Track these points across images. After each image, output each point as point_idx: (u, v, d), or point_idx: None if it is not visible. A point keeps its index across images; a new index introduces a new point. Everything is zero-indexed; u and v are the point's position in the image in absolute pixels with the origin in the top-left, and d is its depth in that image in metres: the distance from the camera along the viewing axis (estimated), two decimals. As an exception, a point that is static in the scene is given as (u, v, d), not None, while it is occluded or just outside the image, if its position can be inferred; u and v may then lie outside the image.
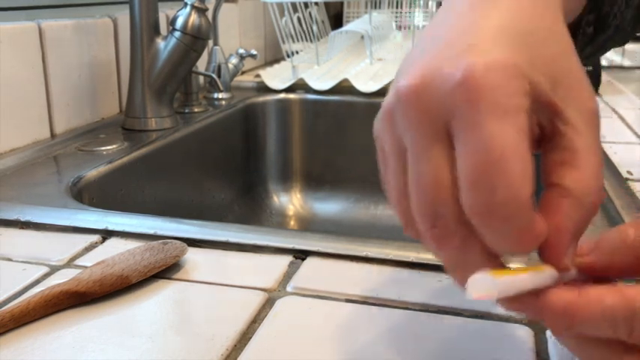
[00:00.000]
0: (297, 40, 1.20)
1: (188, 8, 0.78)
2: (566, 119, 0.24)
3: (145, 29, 0.78)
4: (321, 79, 1.07)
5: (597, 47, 0.35)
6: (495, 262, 0.24)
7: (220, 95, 1.01)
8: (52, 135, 0.75)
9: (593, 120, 0.25)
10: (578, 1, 0.31)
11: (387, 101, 0.25)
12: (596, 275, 0.24)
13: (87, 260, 0.43)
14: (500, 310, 0.36)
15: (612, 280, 0.24)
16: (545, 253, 0.24)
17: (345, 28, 1.20)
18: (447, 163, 0.23)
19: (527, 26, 0.25)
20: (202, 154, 0.88)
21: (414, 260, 0.42)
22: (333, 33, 1.16)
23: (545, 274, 0.24)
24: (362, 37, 1.23)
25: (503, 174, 0.22)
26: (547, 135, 0.25)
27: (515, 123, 0.22)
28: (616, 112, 0.92)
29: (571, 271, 0.24)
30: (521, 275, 0.23)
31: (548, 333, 0.34)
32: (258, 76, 1.14)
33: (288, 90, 1.07)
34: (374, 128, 0.27)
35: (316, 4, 1.20)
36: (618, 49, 1.31)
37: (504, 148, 0.22)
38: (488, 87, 0.22)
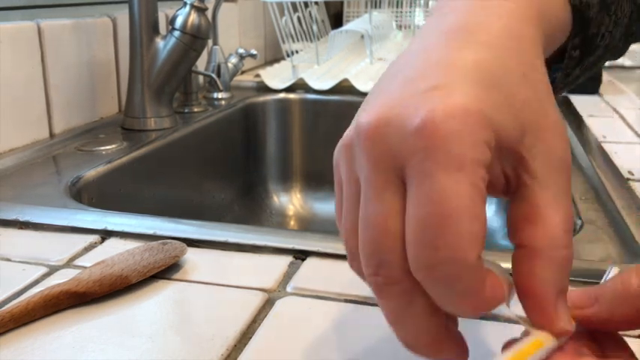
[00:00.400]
0: (297, 40, 1.20)
1: (187, 7, 0.78)
2: (532, 171, 0.23)
3: (145, 29, 0.78)
4: (321, 79, 1.07)
5: (586, 68, 0.34)
6: (439, 320, 0.23)
7: (220, 95, 1.01)
8: (51, 135, 0.75)
9: (562, 171, 0.23)
10: (561, 30, 0.29)
11: (347, 134, 0.24)
12: (594, 328, 0.23)
13: (86, 260, 0.43)
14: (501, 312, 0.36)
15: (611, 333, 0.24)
16: (536, 321, 0.23)
17: (345, 27, 1.19)
18: (398, 210, 0.22)
19: (501, 67, 0.23)
20: (202, 154, 0.88)
21: (415, 260, 0.41)
22: (333, 32, 1.16)
23: (549, 344, 0.23)
24: (362, 36, 1.23)
25: (450, 232, 0.20)
26: (512, 185, 0.24)
27: (471, 178, 0.21)
28: (617, 112, 0.92)
29: (570, 329, 0.23)
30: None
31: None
32: (257, 75, 1.14)
33: (288, 90, 1.07)
34: (334, 156, 0.26)
35: (316, 3, 1.20)
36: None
37: (455, 205, 0.20)
38: (446, 137, 0.21)
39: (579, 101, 0.97)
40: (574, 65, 0.32)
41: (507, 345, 0.24)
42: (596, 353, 0.23)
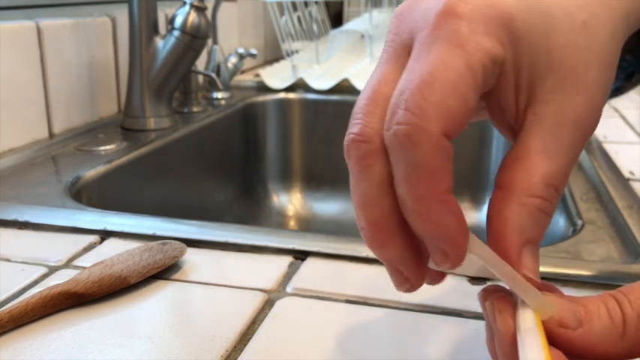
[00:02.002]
0: (297, 40, 1.20)
1: (187, 7, 0.78)
2: (538, 115, 0.22)
3: (144, 28, 0.78)
4: (321, 79, 1.07)
5: None
6: (389, 202, 0.22)
7: (220, 95, 1.01)
8: (51, 135, 0.75)
9: (571, 129, 0.22)
10: None
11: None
12: (574, 352, 0.22)
13: (86, 261, 0.43)
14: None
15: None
16: (500, 255, 0.22)
17: (346, 27, 1.19)
18: (394, 79, 0.22)
19: (561, 5, 0.22)
20: (201, 154, 0.88)
21: (415, 260, 0.41)
22: (333, 32, 1.16)
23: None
24: (362, 36, 1.23)
25: (424, 98, 0.20)
26: (519, 122, 0.23)
27: (470, 58, 0.20)
28: (617, 112, 0.92)
29: (534, 280, 0.22)
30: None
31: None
32: (257, 75, 1.14)
33: (288, 89, 1.07)
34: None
35: (316, 2, 1.20)
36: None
37: (440, 75, 0.20)
38: (459, 17, 0.21)
39: (580, 101, 0.97)
40: None
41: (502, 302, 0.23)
42: None
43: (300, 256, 0.44)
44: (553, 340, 0.21)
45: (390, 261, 0.23)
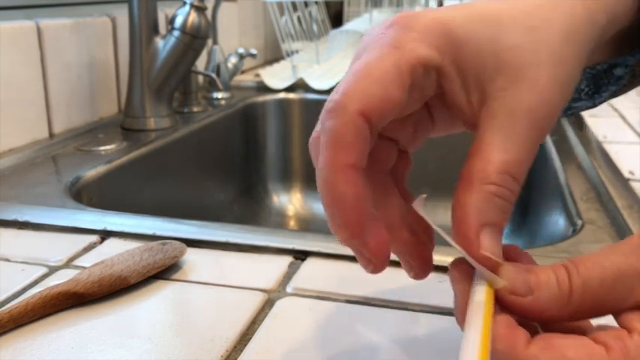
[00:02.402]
0: (297, 40, 1.20)
1: (187, 7, 0.78)
2: (491, 110, 0.24)
3: (144, 28, 0.78)
4: (321, 79, 1.07)
5: None
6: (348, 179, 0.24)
7: (220, 95, 1.01)
8: (51, 135, 0.75)
9: (525, 121, 0.24)
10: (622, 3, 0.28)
11: None
12: (524, 318, 0.24)
13: (86, 261, 0.43)
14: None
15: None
16: (459, 243, 0.24)
17: (346, 27, 1.19)
18: None
19: (507, 12, 0.25)
20: (201, 154, 0.88)
21: (415, 260, 0.41)
22: (333, 32, 1.16)
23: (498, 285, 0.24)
24: (362, 36, 1.23)
25: (349, 84, 0.23)
26: (475, 118, 0.25)
27: (398, 59, 0.23)
28: (617, 112, 0.92)
29: (494, 260, 0.24)
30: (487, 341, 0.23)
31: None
32: (257, 75, 1.14)
33: (288, 90, 1.07)
34: None
35: (316, 3, 1.20)
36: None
37: (366, 68, 0.23)
38: (397, 24, 0.24)
39: (580, 101, 0.97)
40: None
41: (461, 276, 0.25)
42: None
43: (300, 256, 0.44)
44: (506, 305, 0.24)
45: (349, 245, 0.25)
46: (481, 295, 0.24)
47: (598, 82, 0.34)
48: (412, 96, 0.25)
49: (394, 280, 0.40)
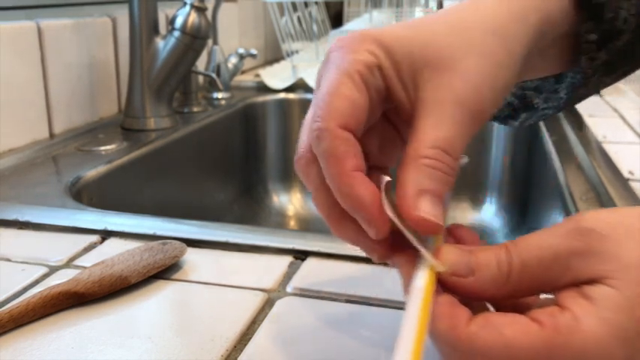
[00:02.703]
0: (297, 40, 1.20)
1: (187, 7, 0.78)
2: (421, 99, 0.27)
3: (144, 29, 0.78)
4: (320, 79, 1.06)
5: (626, 53, 0.34)
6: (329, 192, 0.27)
7: (220, 95, 1.01)
8: (51, 135, 0.75)
9: (452, 106, 0.27)
10: (557, 8, 0.31)
11: None
12: (467, 296, 0.25)
13: (86, 261, 0.43)
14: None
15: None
16: (405, 217, 0.26)
17: (346, 27, 1.19)
18: None
19: (432, 19, 0.29)
20: (202, 154, 0.88)
21: (415, 260, 0.41)
22: (333, 32, 1.16)
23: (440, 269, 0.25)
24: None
25: (320, 107, 0.27)
26: (412, 108, 0.28)
27: (347, 71, 0.27)
28: (617, 112, 0.92)
29: (435, 222, 0.25)
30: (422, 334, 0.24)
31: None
32: (257, 75, 1.14)
33: (288, 90, 1.07)
34: None
35: (316, 3, 1.20)
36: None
37: (328, 89, 0.27)
38: (337, 47, 0.28)
39: (579, 101, 0.97)
40: (596, 49, 0.33)
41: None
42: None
43: (300, 256, 0.44)
44: (448, 286, 0.25)
45: (351, 240, 0.29)
46: (422, 281, 0.25)
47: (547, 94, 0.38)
48: (371, 97, 0.28)
49: (394, 280, 0.40)
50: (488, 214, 1.01)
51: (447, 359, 0.25)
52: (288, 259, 0.43)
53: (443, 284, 0.25)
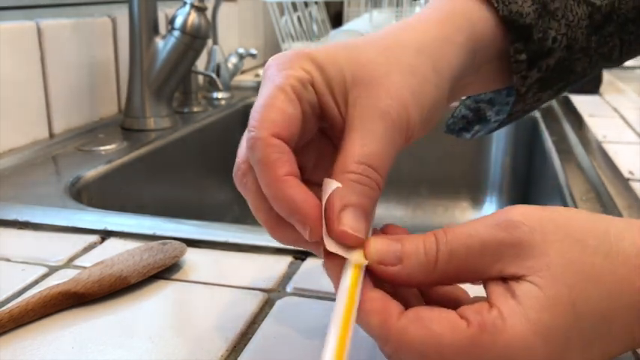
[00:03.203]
0: (297, 40, 1.20)
1: (187, 7, 0.78)
2: (349, 115, 0.28)
3: (144, 28, 0.78)
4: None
5: (560, 71, 0.35)
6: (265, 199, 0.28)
7: (220, 95, 1.01)
8: (51, 135, 0.75)
9: (378, 121, 0.28)
10: (485, 33, 0.32)
11: None
12: (394, 285, 0.27)
13: (86, 261, 0.43)
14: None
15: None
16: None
17: (346, 27, 1.19)
18: None
19: (365, 41, 0.30)
20: (202, 154, 0.88)
21: (415, 260, 0.41)
22: (333, 32, 1.16)
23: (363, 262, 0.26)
24: (362, 36, 1.23)
25: (254, 117, 0.28)
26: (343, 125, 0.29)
27: (280, 85, 0.28)
28: (617, 112, 0.92)
29: (355, 235, 0.26)
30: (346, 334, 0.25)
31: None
32: (257, 75, 1.14)
33: (288, 89, 1.06)
34: None
35: (316, 3, 1.20)
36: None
37: (262, 102, 0.28)
38: (272, 64, 0.29)
39: (579, 101, 0.97)
40: (527, 68, 0.34)
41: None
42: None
43: (300, 256, 0.44)
44: (376, 276, 0.26)
45: (291, 244, 0.30)
46: (347, 281, 0.26)
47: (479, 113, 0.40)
48: (305, 110, 0.29)
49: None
50: (488, 214, 1.01)
51: (382, 352, 0.26)
52: (288, 259, 0.43)
53: (372, 275, 0.26)
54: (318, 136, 0.31)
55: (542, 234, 0.25)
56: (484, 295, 0.26)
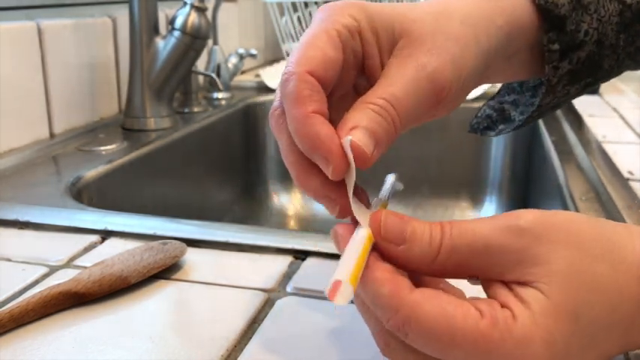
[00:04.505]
0: (297, 40, 1.20)
1: (187, 8, 0.78)
2: (388, 63, 0.29)
3: (145, 29, 0.78)
4: (321, 79, 1.06)
5: (589, 66, 0.36)
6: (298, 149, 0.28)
7: (220, 95, 1.01)
8: (52, 135, 0.75)
9: (411, 69, 0.28)
10: (522, 21, 0.33)
11: None
12: (395, 264, 0.26)
13: (86, 260, 0.43)
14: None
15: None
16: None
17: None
18: None
19: (416, 5, 0.31)
20: (202, 154, 0.88)
21: (415, 260, 0.41)
22: (333, 32, 1.15)
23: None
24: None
25: (294, 54, 0.28)
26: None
27: (326, 28, 0.28)
28: (617, 112, 0.92)
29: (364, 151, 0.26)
30: (362, 263, 0.25)
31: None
32: (258, 75, 1.14)
33: (288, 90, 1.06)
34: None
35: (316, 3, 1.20)
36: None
37: (305, 40, 0.28)
38: (325, 8, 0.30)
39: (579, 101, 0.97)
40: (559, 58, 0.34)
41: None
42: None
43: (300, 256, 0.44)
44: (381, 252, 0.26)
45: (314, 192, 0.29)
46: (363, 233, 0.26)
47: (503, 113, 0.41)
48: (347, 58, 0.29)
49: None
50: (488, 213, 1.01)
51: (379, 327, 0.26)
52: (288, 259, 0.43)
53: (376, 249, 0.26)
54: (352, 95, 0.31)
55: (549, 242, 0.25)
56: (482, 296, 0.26)
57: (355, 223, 0.27)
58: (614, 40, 0.36)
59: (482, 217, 0.26)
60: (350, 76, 0.30)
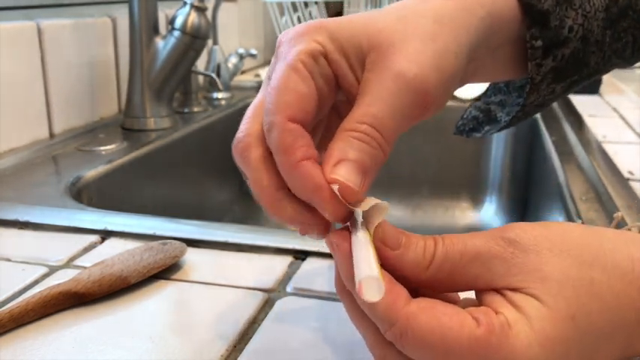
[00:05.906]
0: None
1: (187, 7, 0.78)
2: (364, 78, 0.28)
3: (144, 29, 0.78)
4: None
5: (574, 63, 0.35)
6: (275, 179, 0.28)
7: (220, 95, 1.01)
8: (51, 135, 0.75)
9: (391, 83, 0.27)
10: (503, 15, 0.32)
11: None
12: (387, 269, 0.26)
13: (86, 261, 0.43)
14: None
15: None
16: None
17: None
18: None
19: (381, 11, 0.30)
20: (202, 154, 0.88)
21: (415, 260, 0.41)
22: (332, 32, 1.16)
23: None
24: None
25: (270, 101, 0.27)
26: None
27: (292, 64, 0.28)
28: (617, 112, 0.92)
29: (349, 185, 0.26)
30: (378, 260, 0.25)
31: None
32: (257, 75, 1.14)
33: (288, 90, 1.06)
34: None
35: (316, 3, 1.20)
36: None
37: (276, 83, 0.27)
38: (284, 40, 0.29)
39: (579, 101, 0.97)
40: (542, 55, 0.33)
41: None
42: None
43: (300, 256, 0.44)
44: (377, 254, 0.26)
45: (289, 220, 0.29)
46: (363, 234, 0.26)
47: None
48: (319, 86, 0.28)
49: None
50: (488, 214, 1.01)
51: (374, 339, 0.26)
52: (288, 259, 0.43)
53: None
54: (331, 115, 0.31)
55: (536, 252, 0.25)
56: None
57: (347, 229, 0.27)
58: (600, 37, 0.35)
59: (475, 232, 0.26)
60: (328, 99, 0.29)
